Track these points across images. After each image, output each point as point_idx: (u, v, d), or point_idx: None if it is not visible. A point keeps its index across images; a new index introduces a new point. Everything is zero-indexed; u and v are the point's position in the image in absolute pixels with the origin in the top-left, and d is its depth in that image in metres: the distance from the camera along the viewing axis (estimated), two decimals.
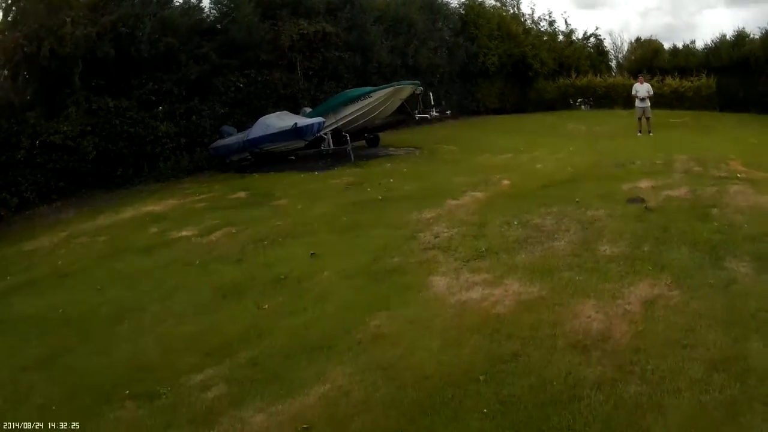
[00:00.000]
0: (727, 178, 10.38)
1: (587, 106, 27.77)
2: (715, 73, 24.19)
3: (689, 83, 24.71)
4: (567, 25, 32.18)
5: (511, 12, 28.17)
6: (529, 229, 7.87)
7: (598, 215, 8.25)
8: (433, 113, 17.08)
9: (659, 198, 9.04)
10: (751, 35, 24.17)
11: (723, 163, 11.93)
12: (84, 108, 14.62)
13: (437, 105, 17.51)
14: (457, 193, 10.33)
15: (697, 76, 24.75)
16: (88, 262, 9.01)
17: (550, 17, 33.80)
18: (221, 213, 10.73)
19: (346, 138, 15.36)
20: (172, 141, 15.71)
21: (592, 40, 30.82)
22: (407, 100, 16.33)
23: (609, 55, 32.63)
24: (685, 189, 9.57)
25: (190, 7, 17.52)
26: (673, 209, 8.42)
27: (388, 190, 11.12)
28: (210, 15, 18.24)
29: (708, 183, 9.97)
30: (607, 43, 32.76)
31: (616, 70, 31.13)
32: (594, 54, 30.32)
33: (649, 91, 17.22)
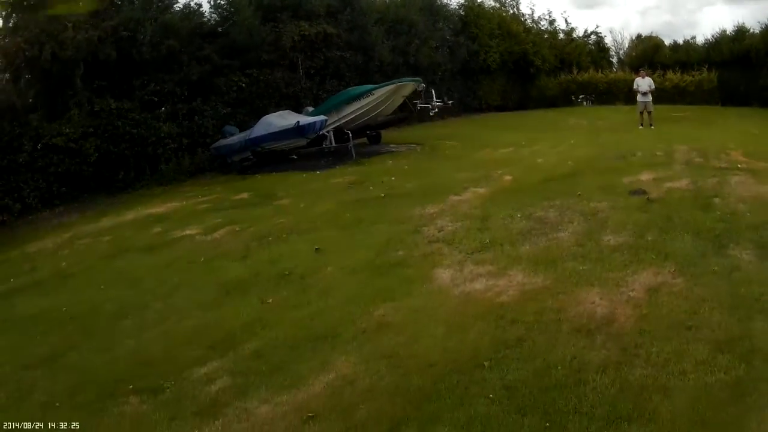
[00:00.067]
0: (728, 169, 10.34)
1: (589, 102, 27.76)
2: (716, 67, 24.23)
3: (690, 78, 24.72)
4: (567, 24, 32.25)
5: (511, 12, 28.21)
6: (532, 222, 7.85)
7: (600, 207, 8.22)
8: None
9: (661, 189, 9.01)
10: (751, 30, 24.24)
11: (724, 154, 11.90)
12: (86, 110, 14.68)
13: (439, 99, 17.50)
14: (459, 188, 10.32)
15: (698, 71, 24.74)
16: (91, 262, 9.05)
17: (549, 17, 33.93)
18: (224, 213, 10.74)
19: (348, 136, 15.36)
20: (174, 141, 15.72)
21: (593, 37, 30.87)
22: (409, 96, 16.32)
23: (610, 52, 32.62)
24: (686, 180, 9.54)
25: (190, 11, 17.55)
26: (676, 200, 8.39)
27: (391, 188, 11.11)
28: (210, 19, 18.30)
29: (709, 174, 9.94)
30: (608, 40, 32.68)
31: (618, 66, 31.09)
32: (595, 50, 30.31)
33: (651, 86, 17.16)
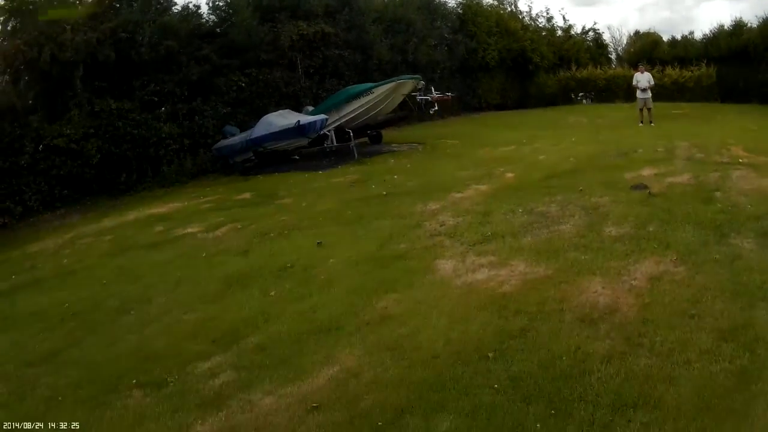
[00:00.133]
0: (729, 164, 10.32)
1: (588, 100, 27.67)
2: (714, 62, 24.05)
3: (689, 73, 24.59)
4: (565, 21, 32.26)
5: (509, 10, 28.20)
6: (533, 216, 7.85)
7: (602, 202, 8.22)
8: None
9: (662, 184, 9.00)
10: (748, 24, 24.08)
11: (725, 150, 11.87)
12: (86, 110, 14.68)
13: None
14: (460, 186, 10.32)
15: (696, 66, 24.66)
16: (93, 260, 9.06)
17: (547, 14, 33.96)
18: (226, 212, 10.75)
19: (349, 135, 15.35)
20: (175, 142, 15.70)
21: (591, 34, 30.84)
22: (409, 94, 16.32)
23: (608, 48, 32.62)
24: (687, 175, 9.52)
25: (188, 13, 17.57)
26: (677, 194, 8.38)
27: (393, 186, 11.11)
28: (209, 20, 18.33)
29: (710, 169, 9.92)
30: (606, 37, 32.79)
31: (616, 62, 31.08)
32: (593, 47, 30.27)
33: (650, 81, 17.05)
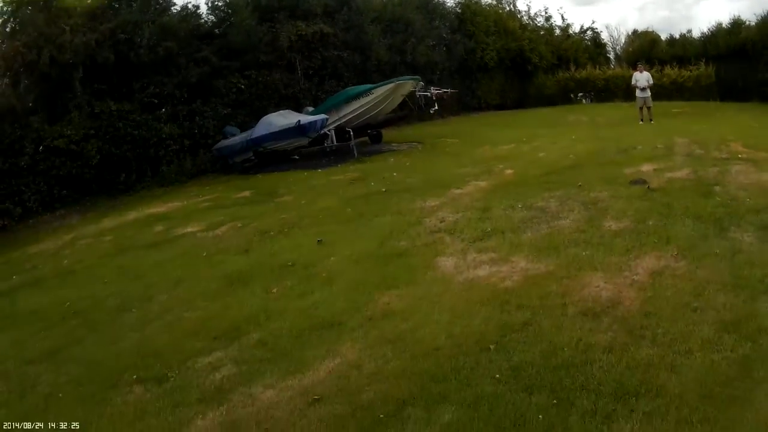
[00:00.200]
0: (728, 159, 10.34)
1: (588, 100, 27.67)
2: (713, 61, 24.09)
3: (688, 72, 24.61)
4: (563, 20, 32.26)
5: (507, 9, 28.26)
6: (533, 211, 7.86)
7: (601, 197, 8.23)
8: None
9: (662, 179, 9.01)
10: (747, 22, 24.14)
11: (724, 146, 11.89)
12: (86, 112, 14.69)
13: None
14: (460, 182, 10.34)
15: (695, 65, 24.67)
16: (93, 260, 9.06)
17: (546, 13, 33.91)
18: (226, 210, 10.76)
19: (350, 134, 15.37)
20: (175, 143, 15.72)
21: (589, 33, 30.89)
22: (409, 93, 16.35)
23: (607, 47, 32.66)
24: (687, 170, 9.54)
25: (187, 13, 17.60)
26: (676, 188, 8.39)
27: (392, 183, 11.12)
28: (207, 20, 18.37)
29: (710, 164, 9.94)
30: (605, 36, 32.77)
31: (615, 62, 31.11)
32: (592, 47, 30.30)
33: (649, 80, 17.06)
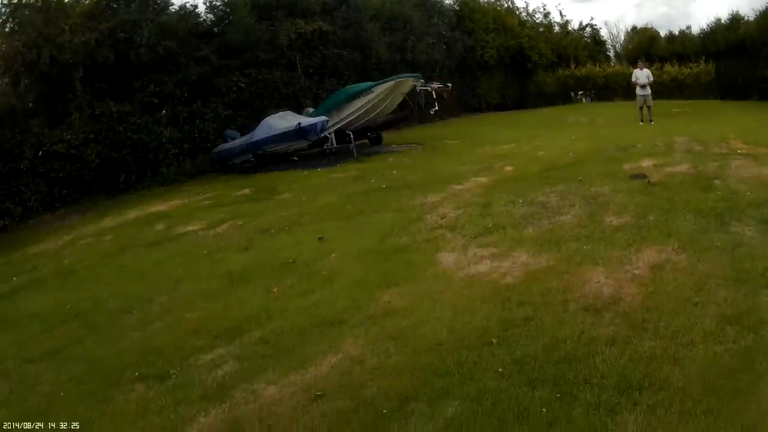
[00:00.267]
0: (728, 155, 10.34)
1: (588, 99, 27.63)
2: (712, 58, 24.00)
3: (688, 70, 24.54)
4: (562, 17, 32.21)
5: (506, 6, 28.23)
6: (534, 207, 7.86)
7: (602, 191, 8.23)
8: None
9: (662, 174, 9.01)
10: (745, 18, 24.06)
11: (723, 142, 11.88)
12: (87, 114, 14.69)
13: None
14: (460, 179, 10.33)
15: (695, 62, 24.61)
16: (94, 260, 9.05)
17: (544, 10, 33.87)
18: (226, 208, 10.75)
19: (350, 137, 15.33)
20: (175, 147, 15.70)
21: (588, 30, 30.86)
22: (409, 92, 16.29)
23: (606, 45, 32.63)
24: (687, 165, 9.53)
25: (186, 12, 17.57)
26: (677, 183, 8.39)
27: (392, 180, 11.12)
28: (206, 19, 18.34)
29: (709, 159, 9.93)
30: (604, 33, 32.73)
31: (615, 59, 31.09)
32: (591, 44, 30.26)
33: (649, 77, 16.93)
